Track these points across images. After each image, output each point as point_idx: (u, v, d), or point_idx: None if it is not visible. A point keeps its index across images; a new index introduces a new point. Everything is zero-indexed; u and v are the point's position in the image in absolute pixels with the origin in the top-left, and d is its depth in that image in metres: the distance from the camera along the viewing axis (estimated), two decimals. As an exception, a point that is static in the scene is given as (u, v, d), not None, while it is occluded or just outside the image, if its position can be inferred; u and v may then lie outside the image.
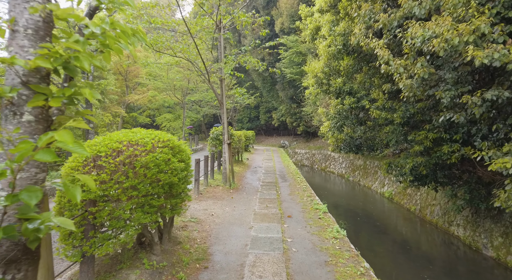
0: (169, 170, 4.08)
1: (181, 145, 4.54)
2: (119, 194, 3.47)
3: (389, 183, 18.60)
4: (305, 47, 24.11)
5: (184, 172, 4.38)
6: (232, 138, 12.75)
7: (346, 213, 14.16)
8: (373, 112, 10.81)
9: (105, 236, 3.43)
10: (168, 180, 4.02)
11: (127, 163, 3.62)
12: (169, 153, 4.16)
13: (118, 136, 3.97)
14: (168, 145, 4.26)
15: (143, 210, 3.74)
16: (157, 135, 4.29)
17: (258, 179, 12.09)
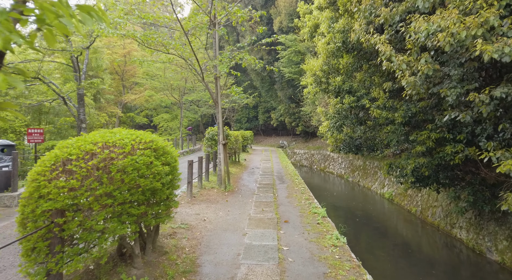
0: (151, 175, 3.67)
1: (166, 147, 4.14)
2: (91, 202, 3.06)
3: (389, 184, 18.24)
4: (303, 46, 23.71)
5: (168, 176, 3.98)
6: (228, 139, 12.35)
7: (345, 215, 13.78)
8: (374, 111, 10.42)
9: (75, 250, 3.02)
10: (150, 186, 3.62)
11: (101, 167, 3.21)
12: (152, 156, 3.76)
13: (93, 137, 3.56)
14: (151, 146, 3.85)
15: (120, 220, 3.33)
16: (138, 135, 3.88)
17: (255, 180, 11.68)
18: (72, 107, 12.96)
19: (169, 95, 26.07)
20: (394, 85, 10.27)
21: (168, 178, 3.95)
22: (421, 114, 9.65)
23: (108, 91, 27.12)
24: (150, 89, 27.05)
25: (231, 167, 14.23)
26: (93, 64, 22.86)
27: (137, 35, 8.12)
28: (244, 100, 31.85)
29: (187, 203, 7.81)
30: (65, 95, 12.38)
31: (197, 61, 8.84)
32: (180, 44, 8.74)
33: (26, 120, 16.57)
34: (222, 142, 9.63)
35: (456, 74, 6.66)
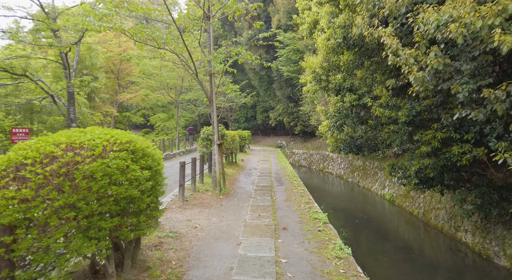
0: (126, 181, 3.13)
1: (146, 148, 3.59)
2: (49, 216, 2.52)
3: (390, 185, 17.77)
4: (302, 44, 23.17)
5: (149, 182, 3.43)
6: (224, 139, 11.82)
7: (346, 217, 13.29)
8: (376, 110, 9.91)
9: (28, 275, 2.47)
10: (125, 194, 3.07)
11: (62, 173, 2.67)
12: (129, 159, 3.21)
13: (57, 136, 3.01)
14: (128, 148, 3.30)
15: (87, 236, 2.79)
16: (113, 135, 3.33)
17: (252, 182, 11.13)
18: (62, 106, 12.39)
19: (166, 94, 25.47)
20: (397, 82, 9.77)
21: (148, 184, 3.41)
22: (426, 112, 9.16)
23: (103, 90, 26.53)
24: (146, 88, 26.46)
25: (227, 168, 13.68)
26: (87, 63, 22.26)
27: (125, 28, 7.57)
28: (241, 99, 31.33)
29: (178, 207, 7.26)
30: (54, 93, 11.81)
31: (190, 57, 8.29)
32: (172, 39, 8.19)
33: (16, 119, 16.00)
34: (217, 142, 9.09)
35: (468, 68, 6.14)
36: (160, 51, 8.77)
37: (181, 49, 8.64)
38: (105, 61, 21.76)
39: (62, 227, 2.57)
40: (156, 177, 3.72)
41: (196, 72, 8.67)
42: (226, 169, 13.34)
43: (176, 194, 8.31)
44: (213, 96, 9.18)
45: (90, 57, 22.33)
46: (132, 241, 3.66)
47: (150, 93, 26.18)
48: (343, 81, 11.31)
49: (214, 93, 9.22)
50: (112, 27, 7.50)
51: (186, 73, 23.67)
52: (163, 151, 19.44)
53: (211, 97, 9.25)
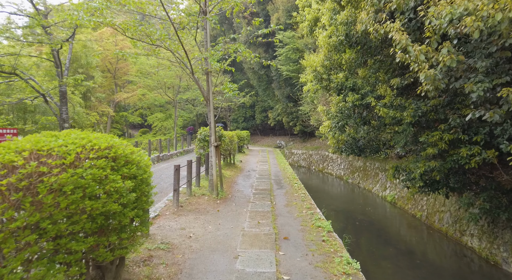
0: (104, 194, 2.67)
1: (130, 155, 3.12)
2: (3, 240, 2.06)
3: (392, 186, 17.37)
4: (302, 43, 22.73)
5: (133, 194, 2.97)
6: (222, 140, 11.36)
7: (346, 220, 12.87)
8: (380, 110, 9.48)
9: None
10: (103, 209, 2.62)
11: (23, 187, 2.21)
12: (108, 167, 2.75)
13: (22, 142, 2.54)
14: (107, 154, 2.84)
15: (54, 260, 2.33)
16: (91, 140, 2.87)
17: (251, 185, 10.67)
18: (54, 106, 11.91)
19: (163, 93, 24.96)
20: (403, 81, 9.33)
21: (132, 196, 2.95)
22: (432, 113, 8.73)
23: (99, 90, 26.04)
24: (143, 88, 25.94)
25: (225, 169, 13.22)
26: (83, 61, 21.75)
27: (116, 23, 7.10)
28: (240, 99, 30.86)
29: (172, 214, 6.80)
30: (45, 93, 11.33)
31: (186, 54, 7.82)
32: (167, 35, 7.72)
33: (8, 119, 15.50)
34: (214, 144, 8.63)
35: (483, 66, 5.69)
36: (155, 49, 8.31)
37: (177, 46, 8.18)
38: (97, 58, 21.16)
39: (21, 253, 2.11)
40: (142, 187, 3.26)
41: (192, 70, 8.21)
42: (224, 171, 12.88)
43: (170, 198, 7.85)
44: (210, 96, 8.71)
45: (86, 56, 21.81)
46: (114, 261, 3.20)
47: (147, 92, 25.68)
48: (345, 80, 10.87)
49: (211, 92, 8.75)
50: (102, 22, 7.04)
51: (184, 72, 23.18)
52: (159, 151, 18.97)
53: (207, 97, 8.79)
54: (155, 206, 7.34)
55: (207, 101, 8.80)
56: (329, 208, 14.32)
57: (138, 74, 25.65)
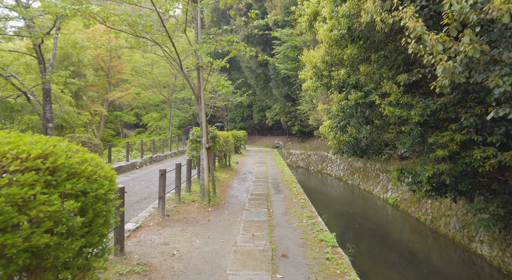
0: (27, 223, 1.89)
1: (77, 164, 2.34)
2: None
3: (393, 188, 16.65)
4: (301, 40, 21.95)
5: (78, 218, 2.19)
6: (216, 140, 10.57)
7: (347, 224, 12.14)
8: (385, 108, 8.73)
9: None
10: (24, 245, 1.84)
11: None
12: (39, 184, 1.97)
13: None
14: (40, 166, 2.06)
15: None
16: (18, 145, 2.08)
17: (246, 190, 9.89)
18: (37, 104, 11.11)
19: (158, 92, 24.14)
20: (410, 77, 8.59)
21: (76, 221, 2.17)
22: (442, 112, 7.99)
23: (92, 89, 25.21)
24: (137, 86, 25.08)
25: (220, 172, 12.44)
26: (74, 59, 20.91)
27: (94, 11, 6.31)
28: (237, 98, 30.10)
29: (156, 225, 6.01)
30: (27, 90, 10.52)
31: (173, 46, 7.03)
32: (151, 25, 6.93)
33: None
34: (205, 145, 7.84)
35: (510, 57, 4.94)
36: (139, 41, 7.52)
37: (164, 39, 7.39)
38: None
39: None
40: (97, 206, 2.47)
41: (180, 64, 7.42)
42: (219, 173, 12.10)
43: (156, 206, 7.06)
44: (201, 93, 7.93)
45: (77, 54, 20.96)
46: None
47: (141, 91, 24.84)
48: (347, 77, 10.11)
49: (202, 89, 7.97)
50: (79, 10, 6.24)
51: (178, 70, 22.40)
52: (153, 152, 18.16)
53: (198, 94, 8.00)
54: (138, 215, 6.55)
55: (198, 99, 8.02)
56: (328, 210, 13.59)
57: (132, 73, 24.82)
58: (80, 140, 13.15)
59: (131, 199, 8.68)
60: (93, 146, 13.45)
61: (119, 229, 4.40)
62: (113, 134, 29.95)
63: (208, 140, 8.07)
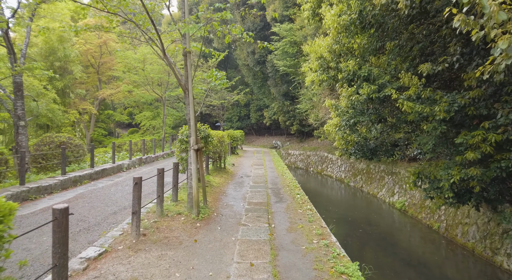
0: None
1: None
2: None
3: (400, 191, 15.39)
4: (301, 35, 20.61)
5: None
6: (209, 141, 9.20)
7: (352, 231, 10.89)
8: (403, 104, 7.44)
9: None
10: None
11: None
12: None
13: None
14: None
15: None
16: None
17: (243, 197, 8.52)
18: (7, 99, 9.70)
19: (151, 90, 22.71)
20: (435, 67, 7.28)
21: None
22: (472, 107, 6.70)
23: (81, 86, 23.76)
24: (129, 84, 23.61)
25: (213, 176, 11.07)
26: (60, 54, 19.43)
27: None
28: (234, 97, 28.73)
29: (127, 249, 4.63)
30: (-6, 84, 9.13)
31: (152, 23, 5.67)
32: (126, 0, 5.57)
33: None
34: (194, 147, 6.48)
35: None
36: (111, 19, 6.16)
37: (143, 17, 6.04)
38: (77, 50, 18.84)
39: None
40: None
41: (162, 47, 6.06)
42: (212, 177, 10.73)
43: (130, 222, 5.66)
44: (189, 83, 6.57)
45: (64, 48, 19.48)
46: None
47: (132, 89, 23.37)
48: (358, 69, 8.78)
49: (191, 79, 6.60)
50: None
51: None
52: (143, 153, 16.75)
53: (186, 85, 6.64)
54: (107, 235, 5.16)
55: (185, 91, 6.65)
56: (331, 215, 12.30)
57: (124, 69, 23.35)
58: (58, 140, 11.73)
59: (108, 209, 7.30)
60: (73, 147, 12.03)
61: (60, 268, 3.03)
62: (104, 134, 28.45)
63: (197, 140, 6.71)
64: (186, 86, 6.66)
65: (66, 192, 9.30)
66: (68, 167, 11.41)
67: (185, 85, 6.68)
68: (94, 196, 8.74)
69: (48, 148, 11.36)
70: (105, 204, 7.83)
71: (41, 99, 16.74)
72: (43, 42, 19.03)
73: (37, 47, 19.32)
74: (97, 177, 11.60)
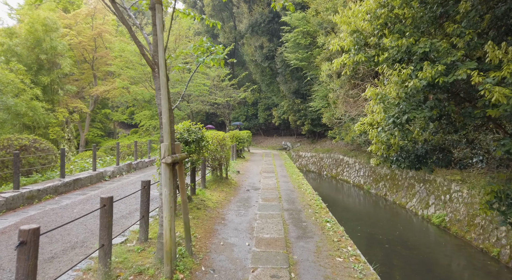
0: None
1: None
2: None
3: (437, 203, 12.55)
4: (316, 22, 17.74)
5: None
6: (203, 146, 6.50)
7: (389, 257, 8.33)
8: (494, 91, 4.61)
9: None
10: None
11: None
12: None
13: None
14: None
15: None
16: None
17: (249, 228, 5.75)
18: None
19: (149, 87, 20.16)
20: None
21: None
22: None
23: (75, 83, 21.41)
24: (126, 80, 21.08)
25: (212, 190, 8.35)
26: (45, 46, 16.96)
27: None
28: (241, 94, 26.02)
29: None
30: None
31: None
32: None
33: None
34: (166, 159, 3.76)
35: None
36: None
37: None
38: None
39: None
40: None
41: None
42: (210, 193, 8.02)
43: (85, 266, 2.97)
44: (159, 54, 3.87)
45: (51, 40, 16.99)
46: None
47: (129, 85, 20.81)
48: (414, 44, 5.96)
49: (162, 47, 3.89)
50: None
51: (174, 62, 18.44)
52: (135, 157, 14.13)
53: (155, 59, 3.96)
54: None
55: (153, 66, 3.96)
56: (356, 234, 9.62)
57: (120, 64, 20.81)
58: (19, 143, 9.18)
59: (47, 250, 4.60)
60: (39, 152, 9.46)
61: None
62: (101, 135, 26.01)
63: (175, 147, 4.01)
64: (155, 59, 3.97)
65: (10, 215, 6.69)
66: (29, 177, 8.85)
67: (153, 59, 3.99)
68: (45, 221, 6.12)
69: (5, 153, 8.81)
70: (50, 238, 5.16)
71: (21, 95, 14.34)
72: (27, 32, 16.65)
73: (20, 37, 16.96)
74: (66, 190, 8.99)
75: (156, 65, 3.96)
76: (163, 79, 3.92)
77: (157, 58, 3.96)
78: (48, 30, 16.67)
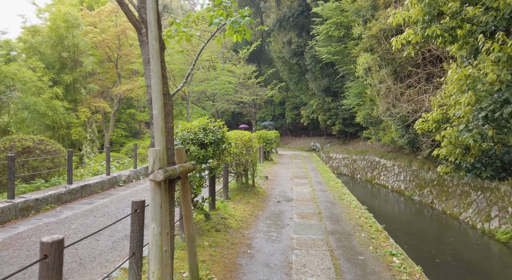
0: None
1: None
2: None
3: (503, 216, 10.34)
4: (353, 9, 15.74)
5: None
6: (222, 149, 4.95)
7: (443, 275, 6.13)
8: None
9: None
10: None
11: None
12: None
13: None
14: None
15: None
16: None
17: (284, 264, 4.08)
18: None
19: (172, 84, 19.05)
20: None
21: None
22: None
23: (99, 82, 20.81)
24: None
25: (235, 202, 6.79)
26: (67, 43, 16.26)
27: None
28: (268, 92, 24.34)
29: None
30: None
31: None
32: None
33: None
34: (156, 174, 2.23)
35: None
36: None
37: None
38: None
39: None
40: None
41: None
42: (233, 205, 6.47)
43: None
44: (147, 2, 2.36)
45: (73, 36, 16.26)
46: None
47: (152, 83, 19.82)
48: (521, 4, 4.07)
49: (154, 13, 2.37)
50: None
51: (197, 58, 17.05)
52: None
53: (141, 10, 2.45)
54: None
55: (139, 25, 2.46)
56: (403, 246, 7.76)
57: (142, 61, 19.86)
58: (22, 144, 8.12)
59: None
60: (44, 154, 8.38)
61: None
62: (126, 135, 25.40)
63: (174, 154, 2.49)
64: (142, 15, 2.47)
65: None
66: (31, 184, 7.73)
67: (140, 13, 2.49)
68: (31, 242, 4.85)
69: (6, 157, 7.76)
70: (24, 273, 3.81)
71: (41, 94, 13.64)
72: (49, 29, 16.08)
73: (43, 35, 16.43)
74: (71, 199, 7.79)
75: (144, 23, 2.45)
76: (155, 45, 2.37)
77: (144, 13, 2.44)
78: (70, 26, 15.97)
